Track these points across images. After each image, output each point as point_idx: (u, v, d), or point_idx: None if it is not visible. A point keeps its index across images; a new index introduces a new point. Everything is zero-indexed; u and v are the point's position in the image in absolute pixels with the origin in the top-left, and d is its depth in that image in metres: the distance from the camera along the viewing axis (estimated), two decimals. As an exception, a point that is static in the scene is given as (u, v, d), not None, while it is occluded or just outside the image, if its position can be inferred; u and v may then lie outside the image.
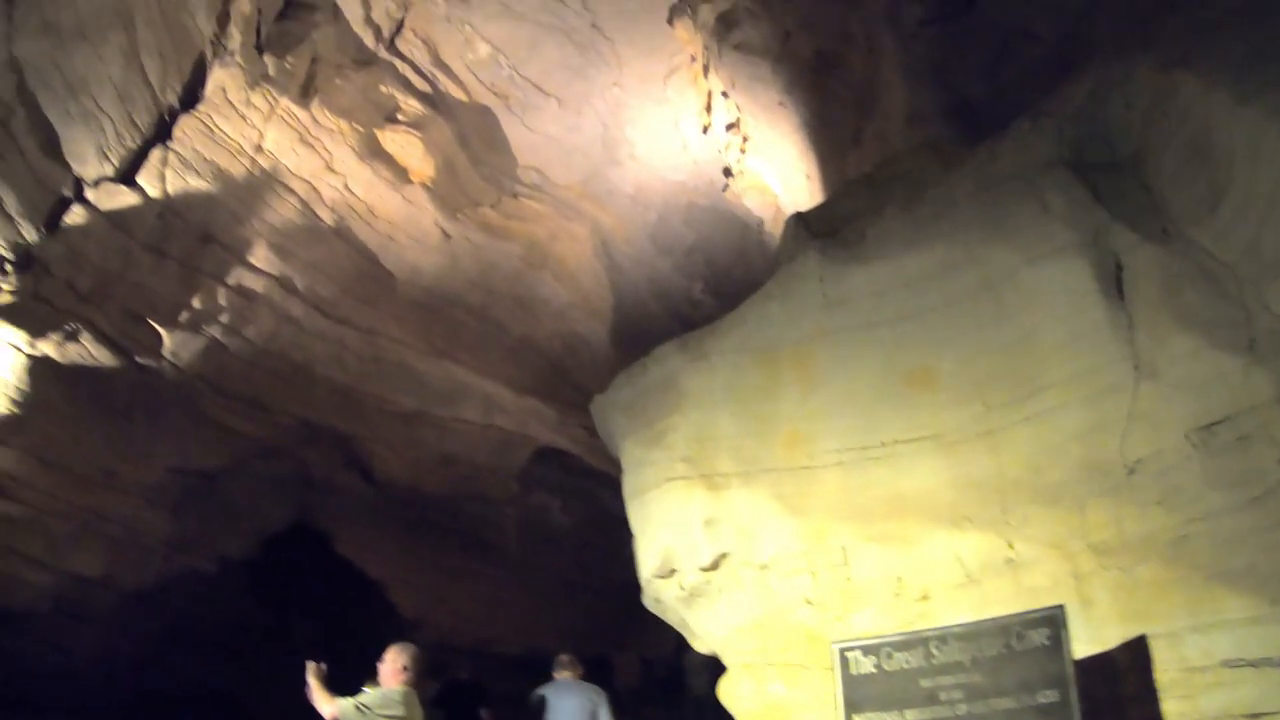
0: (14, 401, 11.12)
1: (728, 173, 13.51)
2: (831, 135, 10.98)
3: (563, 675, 8.75)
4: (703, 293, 15.12)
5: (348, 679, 6.47)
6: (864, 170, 8.93)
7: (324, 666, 6.27)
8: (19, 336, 11.08)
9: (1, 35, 9.14)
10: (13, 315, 10.90)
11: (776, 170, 13.09)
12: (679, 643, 8.49)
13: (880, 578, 6.35)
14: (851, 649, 5.98)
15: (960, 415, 6.26)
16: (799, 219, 8.38)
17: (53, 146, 10.48)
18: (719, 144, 13.09)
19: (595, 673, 9.63)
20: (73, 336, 11.12)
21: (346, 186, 11.91)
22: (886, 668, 5.80)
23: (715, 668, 7.66)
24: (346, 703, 6.10)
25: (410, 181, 12.40)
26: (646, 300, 15.02)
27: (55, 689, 12.48)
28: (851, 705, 5.87)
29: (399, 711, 6.14)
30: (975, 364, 6.27)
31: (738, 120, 12.70)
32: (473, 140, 12.82)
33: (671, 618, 7.77)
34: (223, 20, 10.79)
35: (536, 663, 10.29)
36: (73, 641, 12.47)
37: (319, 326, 12.41)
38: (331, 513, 14.47)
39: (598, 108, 12.83)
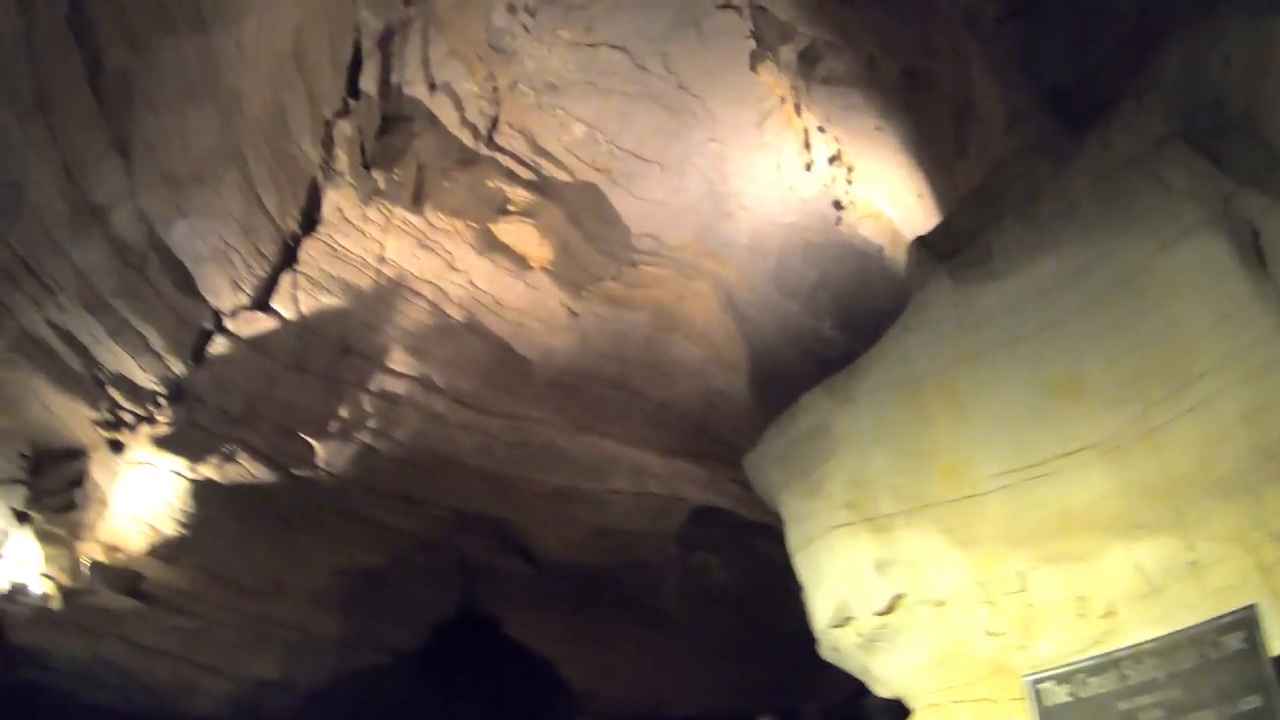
0: (181, 523, 11.79)
1: (838, 205, 13.38)
2: (934, 151, 10.77)
3: None
4: (833, 329, 14.94)
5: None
6: (974, 181, 8.72)
7: None
8: (180, 463, 11.75)
9: (125, 190, 9.80)
10: (172, 444, 11.58)
11: (886, 194, 12.91)
12: (857, 688, 8.28)
13: (1061, 600, 6.05)
14: (1044, 680, 5.69)
15: (1116, 419, 5.95)
16: (921, 244, 8.19)
17: (188, 284, 11.17)
18: (824, 179, 12.99)
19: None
20: (230, 457, 11.71)
21: (470, 282, 12.30)
22: (1081, 695, 5.50)
23: (898, 711, 7.43)
24: None
25: (530, 268, 12.71)
26: (778, 346, 14.92)
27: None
28: (1050, 737, 5.60)
29: None
30: (1123, 363, 5.96)
31: (839, 152, 12.60)
32: (584, 218, 13.06)
33: (851, 665, 7.57)
34: (327, 145, 11.34)
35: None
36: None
37: (463, 419, 12.76)
38: (495, 596, 14.72)
39: (699, 165, 12.91)
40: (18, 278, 9.89)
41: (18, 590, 13.05)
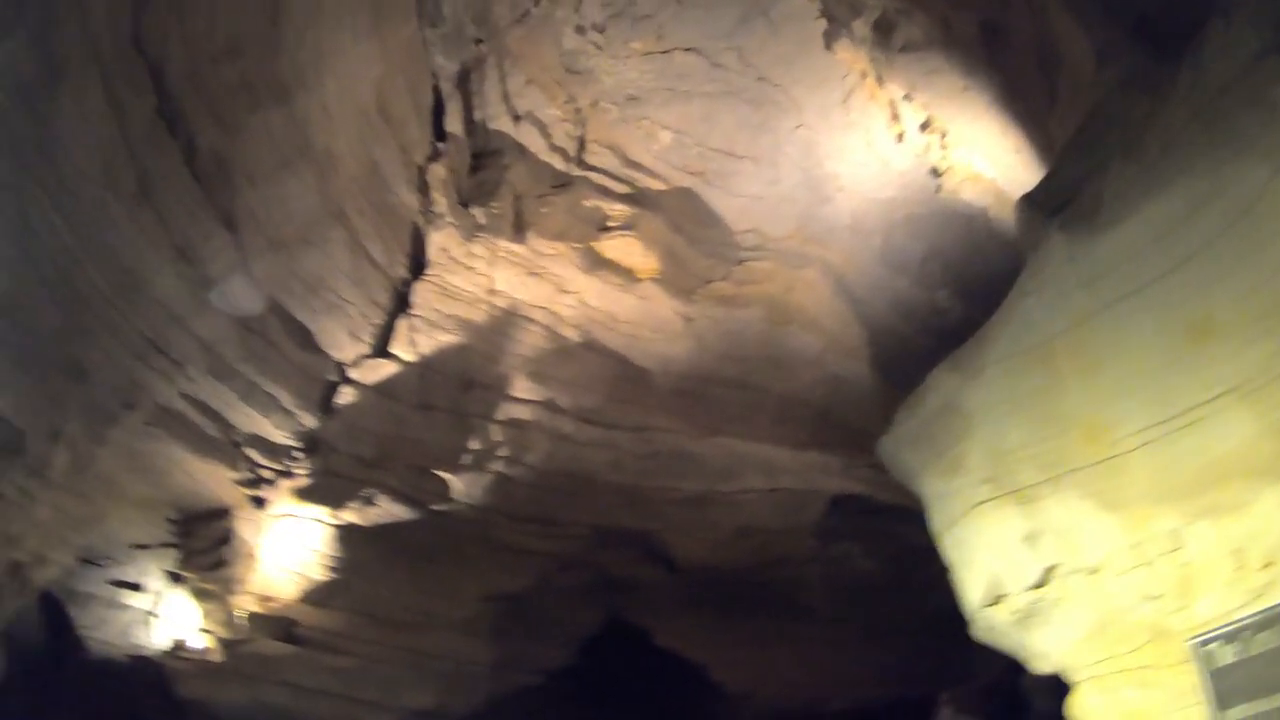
0: (329, 568, 12.24)
1: (936, 173, 13.05)
2: (1026, 103, 10.43)
3: (945, 711, 8.69)
4: (948, 299, 14.58)
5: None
6: (1071, 128, 8.39)
7: None
8: (321, 511, 12.20)
9: (237, 262, 10.21)
10: (312, 494, 12.03)
11: (983, 154, 12.55)
12: (1013, 667, 8.04)
13: (1217, 555, 5.73)
14: (1210, 640, 5.43)
15: (1254, 357, 5.58)
16: (1028, 202, 7.92)
17: (309, 341, 11.58)
18: (918, 148, 12.69)
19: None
20: (369, 500, 12.10)
21: (582, 302, 12.45)
22: (1249, 652, 5.23)
23: (1058, 687, 7.17)
24: None
25: (639, 279, 12.78)
26: (895, 324, 14.63)
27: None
28: (1220, 700, 5.32)
29: None
30: (1255, 299, 5.59)
31: (928, 119, 12.30)
32: (684, 223, 13.06)
33: (1007, 644, 7.34)
34: (423, 190, 11.62)
35: (870, 714, 10.07)
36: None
37: (591, 436, 12.88)
38: (641, 607, 14.77)
39: (790, 154, 12.77)
40: (147, 356, 10.40)
41: (179, 646, 13.77)
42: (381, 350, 12.06)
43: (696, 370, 13.47)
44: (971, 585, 7.18)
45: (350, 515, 12.17)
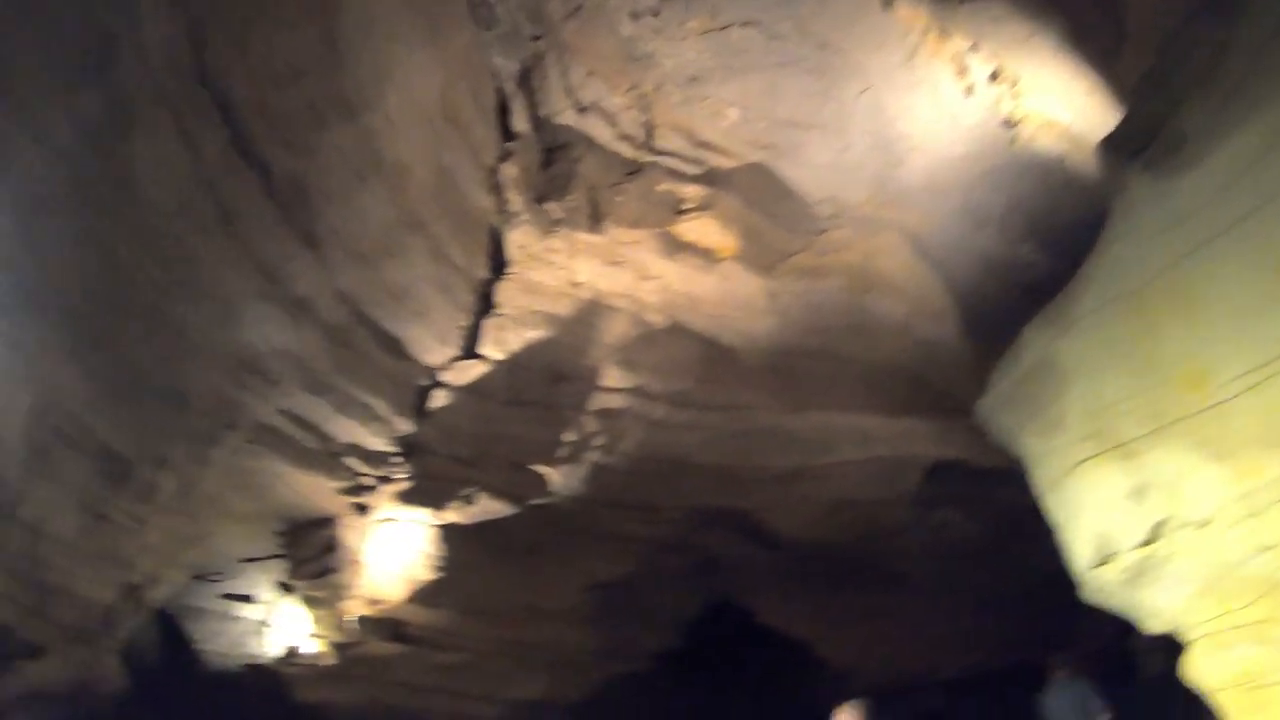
0: (435, 568, 12.49)
1: (1009, 124, 12.66)
2: (1095, 42, 10.08)
3: (1059, 675, 8.64)
4: (1032, 252, 14.16)
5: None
6: (1143, 65, 8.09)
7: None
8: (423, 513, 12.47)
9: (322, 279, 10.49)
10: (414, 497, 12.29)
11: (1057, 100, 12.13)
12: (1121, 629, 7.84)
13: (1329, 500, 5.52)
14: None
15: (1359, 287, 5.38)
16: (1108, 145, 7.67)
17: (399, 349, 11.80)
18: (988, 100, 12.33)
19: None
20: (469, 499, 12.31)
21: (664, 286, 12.41)
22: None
23: (1168, 648, 6.96)
24: None
25: (719, 259, 12.72)
26: (980, 281, 14.28)
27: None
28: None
29: None
30: (1352, 227, 5.38)
31: (997, 69, 11.93)
32: (759, 199, 12.92)
33: (1117, 604, 7.16)
34: (497, 190, 11.71)
35: (977, 681, 9.94)
36: (527, 764, 13.48)
37: (683, 419, 12.88)
38: (743, 586, 14.79)
39: (858, 119, 12.52)
40: (242, 377, 10.74)
41: (292, 653, 14.25)
42: (470, 351, 12.23)
43: (782, 345, 13.35)
44: (1078, 546, 7.03)
45: (451, 515, 12.40)
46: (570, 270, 12.13)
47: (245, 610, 17.30)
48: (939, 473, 14.97)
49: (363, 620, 12.75)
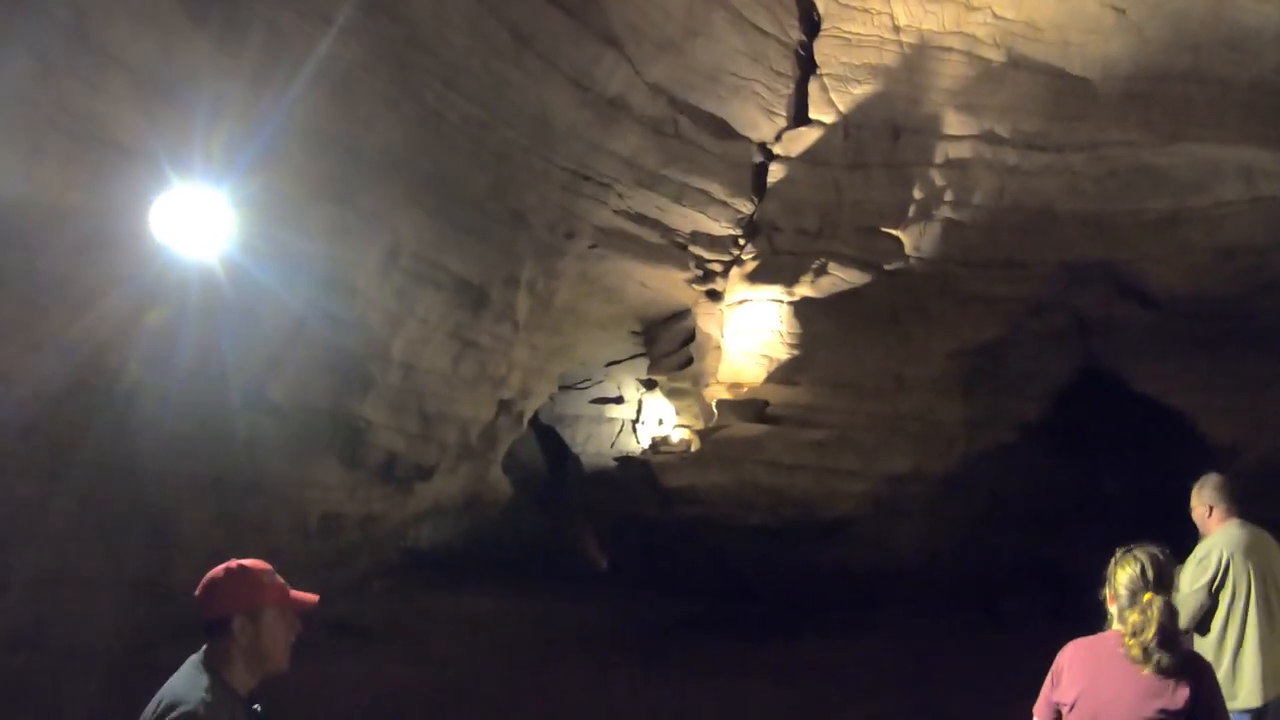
0: (792, 345, 12.40)
1: None
2: None
3: None
4: None
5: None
6: None
7: None
8: (775, 290, 12.35)
9: (631, 75, 10.43)
10: (762, 275, 12.21)
11: None
12: None
13: None
14: None
15: None
16: None
17: (725, 129, 11.64)
18: None
19: None
20: (821, 271, 12.04)
21: (995, 15, 11.21)
22: None
23: None
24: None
25: (1053, -28, 11.40)
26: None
27: (882, 584, 13.30)
28: None
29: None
30: None
31: None
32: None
33: None
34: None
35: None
36: (895, 537, 13.27)
37: (1040, 163, 11.77)
38: (1117, 351, 13.63)
39: None
40: (574, 186, 11.02)
41: (660, 443, 14.75)
42: (800, 118, 11.85)
43: (1143, 69, 11.76)
44: None
45: (804, 290, 12.20)
46: (888, 15, 11.24)
47: (614, 411, 18.36)
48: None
49: (724, 404, 12.90)
